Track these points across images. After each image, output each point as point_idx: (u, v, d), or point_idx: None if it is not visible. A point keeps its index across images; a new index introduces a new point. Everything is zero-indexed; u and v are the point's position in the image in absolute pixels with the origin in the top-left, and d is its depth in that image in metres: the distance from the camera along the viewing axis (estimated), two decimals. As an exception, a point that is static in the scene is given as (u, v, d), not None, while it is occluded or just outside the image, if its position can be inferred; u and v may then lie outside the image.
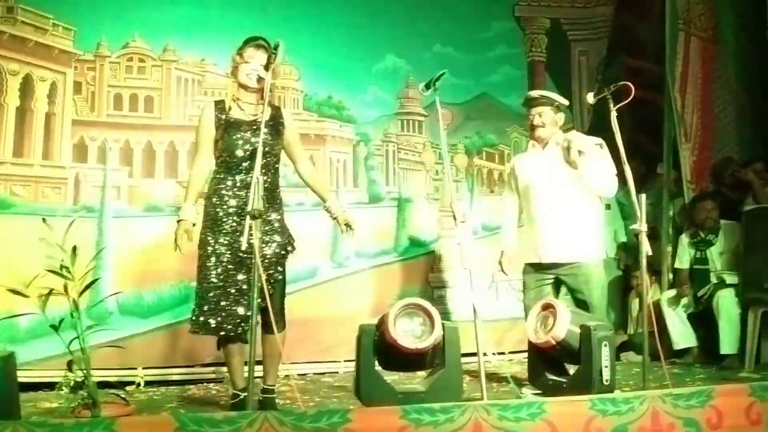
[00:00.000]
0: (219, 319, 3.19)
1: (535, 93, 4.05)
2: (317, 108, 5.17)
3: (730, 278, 4.77)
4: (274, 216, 3.32)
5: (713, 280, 4.91)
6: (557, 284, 3.98)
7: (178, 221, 3.25)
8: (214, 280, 3.21)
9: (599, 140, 3.94)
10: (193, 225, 3.25)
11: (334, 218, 3.49)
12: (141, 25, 4.71)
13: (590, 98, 3.70)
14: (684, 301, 4.94)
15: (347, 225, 3.46)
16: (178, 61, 4.80)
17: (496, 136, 5.68)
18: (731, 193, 5.28)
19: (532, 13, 5.91)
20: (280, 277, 3.31)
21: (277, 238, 3.29)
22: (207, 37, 4.86)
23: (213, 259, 3.22)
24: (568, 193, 3.85)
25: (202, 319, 3.22)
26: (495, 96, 5.70)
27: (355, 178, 5.25)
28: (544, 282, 3.95)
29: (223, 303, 3.19)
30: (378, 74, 5.38)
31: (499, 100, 5.67)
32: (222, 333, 3.22)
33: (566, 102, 4.11)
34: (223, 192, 3.26)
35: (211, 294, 3.20)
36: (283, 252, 3.31)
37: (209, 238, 3.24)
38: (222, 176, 3.30)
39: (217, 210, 3.25)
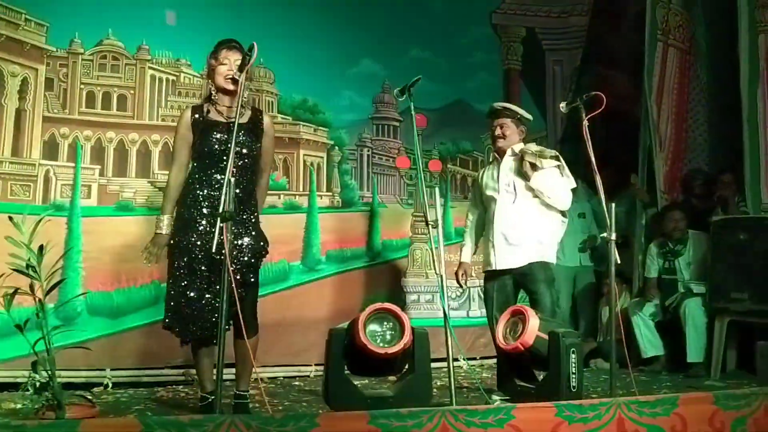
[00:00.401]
0: (189, 321, 3.15)
1: (497, 105, 4.10)
2: (292, 111, 5.16)
3: (697, 288, 4.84)
4: (249, 218, 3.29)
5: (681, 289, 4.98)
6: (516, 286, 4.02)
7: (156, 233, 3.21)
8: (185, 281, 3.17)
9: (554, 152, 4.01)
10: (167, 239, 3.21)
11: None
12: (115, 23, 4.66)
13: (563, 107, 3.75)
14: (650, 309, 5.01)
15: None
16: (153, 60, 4.75)
17: (470, 142, 5.72)
18: (700, 204, 5.37)
19: (509, 21, 5.96)
20: (253, 280, 3.27)
21: (251, 241, 3.25)
22: (182, 38, 4.83)
23: (185, 260, 3.17)
24: (523, 203, 3.92)
25: (171, 320, 3.19)
26: (470, 102, 5.74)
27: (329, 182, 5.24)
28: (504, 286, 4.00)
29: (193, 306, 3.15)
30: (353, 78, 5.39)
31: (474, 107, 5.70)
32: (191, 336, 3.18)
33: (529, 116, 4.14)
34: (198, 193, 3.22)
35: (182, 296, 3.16)
36: (257, 255, 3.27)
37: (181, 239, 3.19)
38: (197, 176, 3.25)
39: (191, 210, 3.20)
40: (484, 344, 5.10)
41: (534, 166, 3.84)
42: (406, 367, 3.16)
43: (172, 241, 3.21)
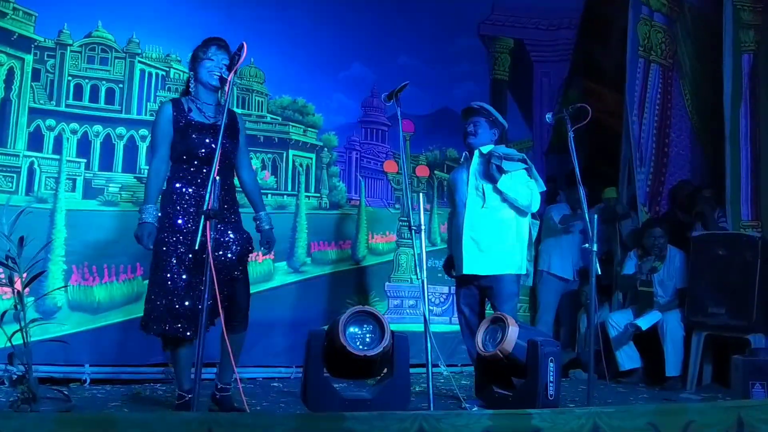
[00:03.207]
0: (171, 319, 3.14)
1: (474, 104, 4.10)
2: (281, 112, 5.15)
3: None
4: (234, 217, 3.33)
5: (656, 305, 5.02)
6: (482, 295, 4.02)
7: (140, 224, 3.19)
8: (170, 280, 3.16)
9: (522, 155, 4.03)
10: (155, 226, 3.20)
11: (260, 231, 3.48)
12: (105, 15, 4.62)
13: (549, 118, 3.79)
14: (624, 319, 5.02)
15: (267, 243, 3.44)
16: (142, 55, 4.73)
17: (457, 150, 5.74)
18: (685, 217, 5.43)
19: (497, 33, 5.99)
20: (242, 276, 3.31)
21: (237, 237, 3.29)
22: (172, 33, 4.80)
23: (170, 259, 3.17)
24: (491, 206, 3.92)
25: (153, 318, 3.18)
26: (457, 111, 5.73)
27: (317, 183, 5.24)
28: (471, 296, 4.01)
29: (177, 304, 3.14)
30: (344, 81, 5.38)
31: (460, 115, 5.72)
32: (173, 333, 3.17)
33: (504, 122, 4.14)
34: (182, 192, 3.23)
35: (166, 293, 3.16)
36: (243, 251, 3.31)
37: (166, 238, 3.19)
38: (180, 175, 3.26)
39: (177, 209, 3.21)
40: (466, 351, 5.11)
41: (500, 169, 3.85)
42: (385, 370, 3.18)
43: (157, 240, 3.20)
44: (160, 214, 3.22)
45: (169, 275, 3.15)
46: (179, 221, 3.19)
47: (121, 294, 4.47)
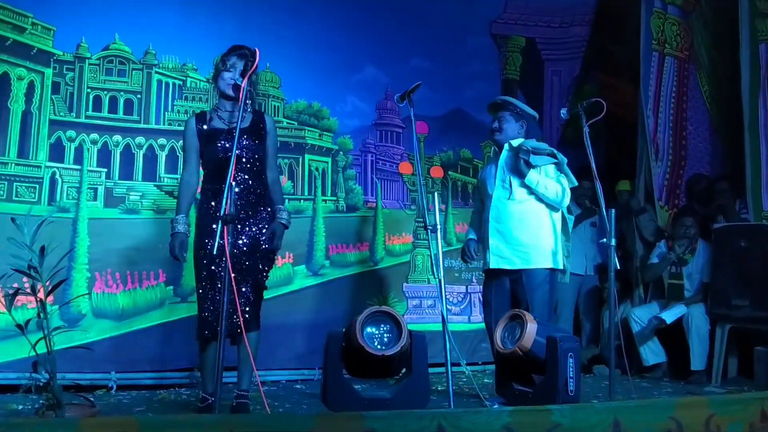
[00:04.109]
0: (215, 322, 3.23)
1: (498, 98, 4.09)
2: (297, 116, 5.20)
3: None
4: (266, 215, 3.44)
5: (685, 297, 4.98)
6: (513, 289, 3.98)
7: (172, 234, 3.32)
8: (209, 284, 3.28)
9: (551, 149, 3.99)
10: (186, 236, 3.33)
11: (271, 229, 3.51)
12: (122, 28, 4.69)
13: (563, 113, 3.78)
14: (648, 314, 4.98)
15: (272, 235, 3.45)
16: (159, 65, 4.80)
17: (470, 150, 5.74)
18: (702, 209, 5.38)
19: (508, 32, 5.96)
20: (267, 275, 3.41)
21: (257, 231, 3.40)
22: (188, 43, 4.86)
23: (206, 264, 3.28)
24: (517, 199, 3.89)
25: (205, 322, 3.29)
26: (469, 111, 5.75)
27: (333, 186, 5.28)
28: (502, 291, 3.97)
29: (215, 306, 3.23)
30: (357, 85, 5.40)
31: (472, 116, 5.70)
32: (208, 333, 3.27)
33: (533, 113, 4.09)
34: (212, 203, 3.34)
35: (208, 298, 3.28)
36: (273, 249, 3.42)
37: (201, 247, 3.30)
38: (209, 185, 3.41)
39: (208, 219, 3.32)
40: (487, 349, 5.10)
41: (528, 163, 3.83)
42: (404, 370, 3.19)
43: (195, 246, 3.35)
44: (195, 224, 3.35)
45: (207, 280, 3.29)
46: (210, 230, 3.29)
47: (145, 300, 4.54)
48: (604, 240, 3.55)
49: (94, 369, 4.27)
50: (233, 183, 2.95)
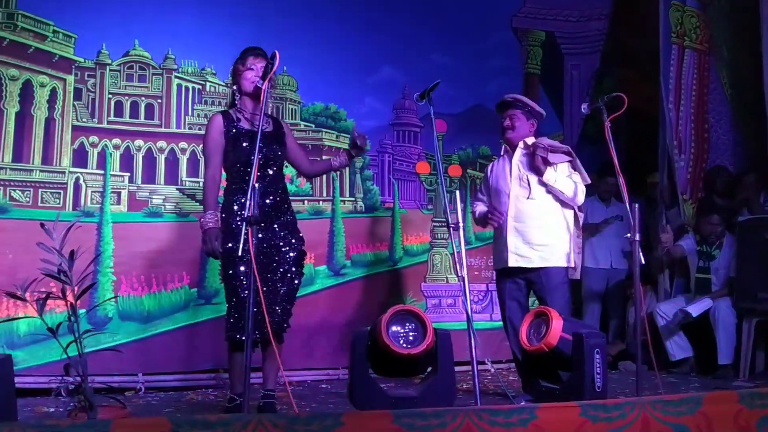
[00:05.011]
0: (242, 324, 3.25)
1: (508, 96, 4.06)
2: (314, 119, 5.22)
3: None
4: (290, 218, 3.49)
5: (712, 291, 4.94)
6: (528, 288, 3.97)
7: (205, 230, 3.32)
8: (238, 288, 3.30)
9: (567, 147, 3.99)
10: (219, 230, 3.34)
11: (348, 151, 3.65)
12: (142, 34, 4.75)
13: (585, 108, 3.76)
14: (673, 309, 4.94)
15: (356, 145, 3.57)
16: (179, 70, 4.85)
17: (490, 147, 5.72)
18: (722, 201, 5.33)
19: (529, 26, 5.94)
20: (297, 281, 3.48)
21: (295, 239, 3.47)
22: (206, 47, 4.91)
23: (235, 266, 3.31)
24: (535, 198, 3.88)
25: (234, 325, 3.32)
26: (490, 107, 5.72)
27: (352, 187, 5.29)
28: (516, 289, 3.95)
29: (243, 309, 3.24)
30: (374, 85, 5.41)
31: (494, 112, 5.69)
32: (239, 336, 3.28)
33: (542, 111, 4.09)
34: (239, 203, 3.35)
35: (236, 301, 3.31)
36: (302, 251, 3.49)
37: (229, 247, 3.31)
38: (235, 187, 3.42)
39: (235, 220, 3.33)
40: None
41: (546, 161, 3.82)
42: (429, 368, 3.20)
43: (223, 250, 3.35)
44: (223, 227, 3.36)
45: (237, 283, 3.32)
46: (238, 230, 3.27)
47: (170, 303, 4.58)
48: (629, 234, 3.53)
49: (122, 371, 4.32)
50: (257, 185, 2.95)
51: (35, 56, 4.47)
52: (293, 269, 3.46)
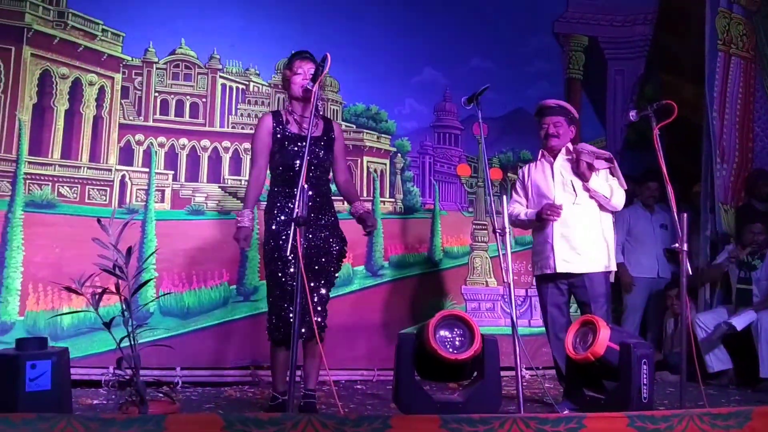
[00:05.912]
0: (284, 323, 3.30)
1: (551, 102, 4.04)
2: (355, 119, 5.24)
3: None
4: (332, 219, 3.52)
5: (754, 302, 4.86)
6: (570, 294, 3.96)
7: (238, 227, 3.39)
8: (280, 289, 3.34)
9: (608, 154, 3.98)
10: (251, 230, 3.40)
11: (356, 216, 3.60)
12: (188, 33, 4.82)
13: (633, 116, 3.73)
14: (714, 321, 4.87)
15: (367, 224, 3.56)
16: (223, 70, 4.90)
17: (530, 151, 5.68)
18: (763, 207, 5.24)
19: (571, 30, 5.90)
20: (336, 277, 3.52)
21: (336, 239, 3.50)
22: (250, 48, 4.96)
23: (280, 265, 3.34)
24: (579, 204, 3.87)
25: (274, 325, 3.36)
26: (530, 111, 5.69)
27: (391, 188, 5.31)
28: (559, 295, 3.92)
29: (287, 308, 3.29)
30: (415, 87, 5.41)
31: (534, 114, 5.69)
32: (280, 335, 3.34)
33: (577, 116, 4.11)
34: (283, 205, 3.39)
35: (279, 301, 3.35)
36: (342, 251, 3.53)
37: (273, 249, 3.36)
38: (279, 189, 3.45)
39: (279, 221, 3.37)
40: (547, 354, 5.06)
41: (591, 167, 3.82)
42: (475, 373, 3.20)
43: (266, 250, 3.41)
44: (266, 227, 3.41)
45: (280, 284, 3.35)
46: (283, 233, 3.34)
47: (209, 300, 4.64)
48: (676, 245, 3.50)
49: (159, 365, 4.37)
50: (306, 186, 2.98)
51: (84, 55, 4.56)
52: (331, 269, 3.49)
